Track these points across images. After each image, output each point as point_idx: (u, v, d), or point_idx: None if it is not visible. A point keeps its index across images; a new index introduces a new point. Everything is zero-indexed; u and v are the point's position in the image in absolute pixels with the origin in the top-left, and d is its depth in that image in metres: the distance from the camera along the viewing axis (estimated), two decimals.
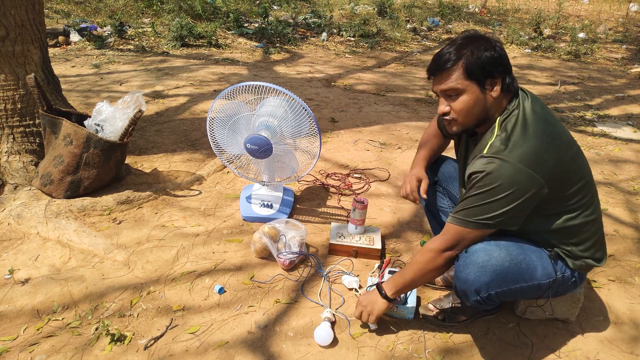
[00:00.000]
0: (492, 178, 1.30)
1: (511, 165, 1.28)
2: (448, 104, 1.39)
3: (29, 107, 2.57)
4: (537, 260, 1.44)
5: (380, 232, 2.16)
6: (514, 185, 1.29)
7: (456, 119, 1.39)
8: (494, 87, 1.35)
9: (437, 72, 1.37)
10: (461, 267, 1.43)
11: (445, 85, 1.36)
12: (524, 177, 1.29)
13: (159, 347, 1.58)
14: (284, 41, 6.65)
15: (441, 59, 1.35)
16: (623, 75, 5.85)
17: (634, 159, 3.30)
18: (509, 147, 1.30)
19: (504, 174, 1.29)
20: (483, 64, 1.32)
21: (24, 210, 2.25)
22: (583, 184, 1.41)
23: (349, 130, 3.58)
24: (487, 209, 1.33)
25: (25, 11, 2.44)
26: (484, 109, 1.37)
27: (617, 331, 1.74)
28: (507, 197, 1.30)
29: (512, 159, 1.29)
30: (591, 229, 1.46)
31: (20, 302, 1.75)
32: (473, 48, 1.32)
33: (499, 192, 1.30)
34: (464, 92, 1.35)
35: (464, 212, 1.38)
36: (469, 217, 1.37)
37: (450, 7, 9.90)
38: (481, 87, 1.34)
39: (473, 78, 1.33)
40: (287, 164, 2.26)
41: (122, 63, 5.17)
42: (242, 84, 2.03)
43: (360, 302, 1.62)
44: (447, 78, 1.35)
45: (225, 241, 2.18)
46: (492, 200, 1.32)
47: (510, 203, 1.31)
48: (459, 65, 1.33)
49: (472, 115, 1.38)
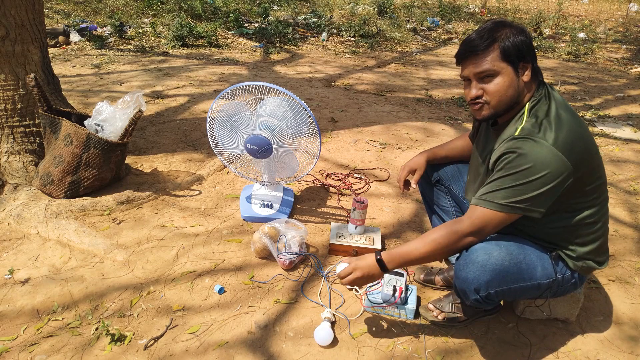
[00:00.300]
0: (524, 159, 1.27)
1: (545, 147, 1.26)
2: (481, 87, 1.36)
3: (29, 107, 2.57)
4: (537, 261, 1.44)
5: (380, 232, 2.16)
6: (547, 168, 1.26)
7: (489, 101, 1.37)
8: (525, 72, 1.35)
9: (470, 54, 1.35)
10: (461, 265, 1.43)
11: (480, 67, 1.34)
12: (556, 161, 1.26)
13: (159, 347, 1.58)
14: (284, 41, 6.65)
15: (474, 41, 1.34)
16: (623, 75, 5.85)
17: (634, 159, 3.30)
18: (542, 130, 1.29)
19: (537, 155, 1.26)
20: (518, 47, 1.32)
21: (24, 210, 2.25)
22: (600, 183, 1.41)
23: (349, 130, 3.58)
24: (518, 190, 1.29)
25: (25, 11, 2.44)
26: (516, 93, 1.36)
27: (617, 331, 1.74)
28: (540, 179, 1.27)
29: (545, 140, 1.27)
30: (597, 231, 1.46)
31: (20, 302, 1.75)
32: (507, 31, 1.32)
33: (531, 173, 1.26)
34: (499, 74, 1.34)
35: (492, 194, 1.32)
36: (498, 200, 1.31)
37: (450, 7, 9.90)
38: (515, 70, 1.34)
39: (509, 60, 1.33)
40: (287, 164, 2.26)
41: (122, 63, 5.17)
42: (242, 84, 2.03)
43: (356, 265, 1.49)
44: (482, 60, 1.33)
45: (225, 241, 2.18)
46: (524, 181, 1.28)
47: (542, 186, 1.27)
48: (495, 47, 1.32)
49: (506, 98, 1.36)
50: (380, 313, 1.76)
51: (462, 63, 1.40)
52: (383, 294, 1.71)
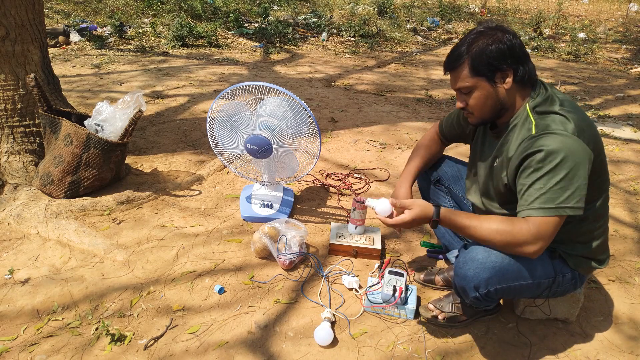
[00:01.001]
0: (555, 154, 1.25)
1: (568, 138, 1.26)
2: (464, 99, 1.43)
3: (29, 107, 2.57)
4: (537, 260, 1.43)
5: (380, 232, 2.16)
6: (577, 157, 1.25)
7: (472, 113, 1.44)
8: (505, 80, 1.36)
9: (447, 71, 1.43)
10: (461, 263, 1.43)
11: (456, 84, 1.41)
12: (582, 149, 1.26)
13: (159, 347, 1.58)
14: (284, 41, 6.65)
15: (450, 57, 1.39)
16: (623, 75, 5.85)
17: (634, 159, 3.30)
18: (558, 122, 1.30)
19: (564, 146, 1.25)
20: (488, 59, 1.32)
21: (24, 210, 2.25)
22: (604, 178, 1.42)
23: (349, 130, 3.58)
24: (562, 188, 1.26)
25: (25, 11, 2.44)
26: (497, 102, 1.39)
27: (617, 331, 1.74)
28: (574, 170, 1.25)
29: (566, 131, 1.27)
30: (599, 229, 1.46)
31: (20, 302, 1.75)
32: (480, 43, 1.33)
33: (566, 166, 1.25)
34: (475, 89, 1.38)
35: (540, 199, 1.27)
36: (548, 204, 1.27)
37: (450, 7, 9.89)
38: (490, 81, 1.36)
39: (480, 74, 1.35)
40: (287, 164, 2.26)
41: (122, 63, 5.17)
42: (242, 84, 2.03)
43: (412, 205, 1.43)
44: (457, 77, 1.39)
45: (225, 241, 2.18)
46: (563, 176, 1.25)
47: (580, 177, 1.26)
48: (465, 65, 1.36)
49: (487, 108, 1.40)
50: (380, 313, 1.76)
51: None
52: (383, 294, 1.71)
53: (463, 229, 1.40)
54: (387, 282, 1.75)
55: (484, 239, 1.37)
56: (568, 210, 1.28)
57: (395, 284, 1.73)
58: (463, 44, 1.37)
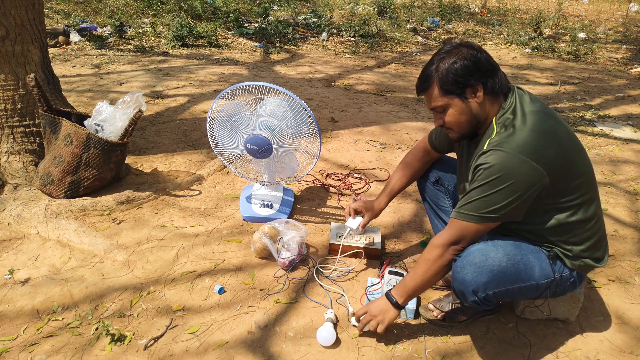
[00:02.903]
0: (493, 170, 1.32)
1: (512, 156, 1.30)
2: (440, 117, 1.46)
3: (29, 107, 2.57)
4: (535, 261, 1.44)
5: (380, 232, 2.16)
6: (516, 176, 1.30)
7: (451, 129, 1.47)
8: (476, 94, 1.39)
9: (419, 94, 1.47)
10: (458, 267, 1.43)
11: (430, 104, 1.45)
12: (525, 168, 1.30)
13: (159, 347, 1.58)
14: (284, 41, 6.65)
15: (420, 80, 1.45)
16: (623, 75, 5.85)
17: (634, 159, 3.30)
18: (508, 139, 1.33)
19: (505, 165, 1.31)
20: (455, 77, 1.36)
21: (24, 210, 2.25)
22: (584, 180, 1.41)
23: (349, 130, 3.58)
24: (489, 201, 1.34)
25: (25, 11, 2.44)
26: (472, 117, 1.42)
27: (617, 331, 1.74)
28: (509, 187, 1.31)
29: (511, 150, 1.31)
30: (592, 228, 1.46)
31: (20, 302, 1.75)
32: (446, 63, 1.37)
33: (500, 183, 1.31)
34: (448, 107, 1.42)
35: (467, 206, 1.39)
36: (472, 212, 1.37)
37: (450, 7, 9.90)
38: (462, 98, 1.39)
39: (450, 93, 1.39)
40: (287, 164, 2.26)
41: (122, 63, 5.17)
42: (242, 84, 2.03)
43: (370, 311, 1.56)
44: (429, 98, 1.44)
45: (225, 241, 2.18)
46: (494, 191, 1.33)
47: (512, 194, 1.32)
48: (433, 86, 1.40)
49: (463, 123, 1.44)
50: None
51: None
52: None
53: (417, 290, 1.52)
54: (387, 282, 1.75)
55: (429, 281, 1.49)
56: (491, 220, 1.37)
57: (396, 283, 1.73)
58: (431, 65, 1.41)
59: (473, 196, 1.37)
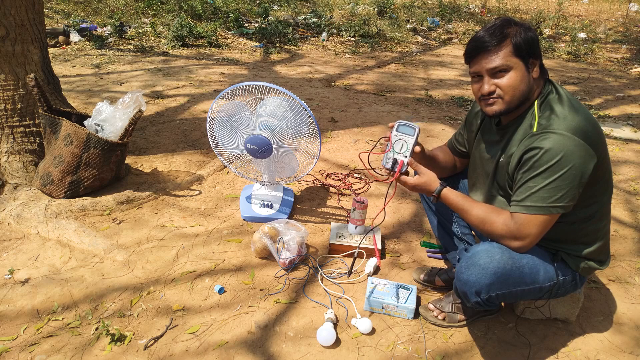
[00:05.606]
0: (551, 153, 1.26)
1: (567, 138, 1.26)
2: (494, 83, 1.36)
3: (29, 107, 2.57)
4: (540, 264, 1.43)
5: (380, 232, 2.16)
6: (575, 158, 1.26)
7: (502, 96, 1.37)
8: (534, 68, 1.37)
9: (482, 51, 1.35)
10: (463, 268, 1.42)
11: (493, 63, 1.34)
12: (581, 149, 1.27)
13: (159, 347, 1.58)
14: (284, 41, 6.65)
15: (485, 38, 1.34)
16: (623, 75, 5.85)
17: (634, 159, 3.30)
18: (560, 121, 1.30)
19: (562, 147, 1.26)
20: (529, 43, 1.33)
21: (24, 210, 2.25)
22: (608, 177, 1.41)
23: (349, 130, 3.58)
24: (554, 188, 1.28)
25: (25, 11, 2.44)
26: (527, 88, 1.37)
27: (617, 331, 1.74)
28: (570, 171, 1.26)
29: (565, 131, 1.27)
30: (602, 229, 1.46)
31: (20, 302, 1.75)
32: (517, 29, 1.34)
33: (560, 167, 1.26)
34: (512, 69, 1.34)
35: (530, 197, 1.30)
36: (539, 202, 1.29)
37: (450, 7, 9.89)
38: (526, 65, 1.36)
39: (520, 55, 1.34)
40: (287, 164, 2.26)
41: (122, 63, 5.17)
42: (242, 84, 2.03)
43: (423, 173, 1.51)
44: (494, 55, 1.33)
45: (225, 241, 2.18)
46: (556, 177, 1.27)
47: (574, 179, 1.27)
48: (507, 43, 1.33)
49: (519, 92, 1.36)
50: (380, 313, 1.76)
51: (472, 60, 1.40)
52: (384, 160, 1.62)
53: (457, 210, 1.48)
54: (394, 143, 1.59)
55: (472, 224, 1.45)
56: (559, 209, 1.30)
57: (400, 149, 1.58)
58: (495, 27, 1.34)
59: (536, 184, 1.29)
